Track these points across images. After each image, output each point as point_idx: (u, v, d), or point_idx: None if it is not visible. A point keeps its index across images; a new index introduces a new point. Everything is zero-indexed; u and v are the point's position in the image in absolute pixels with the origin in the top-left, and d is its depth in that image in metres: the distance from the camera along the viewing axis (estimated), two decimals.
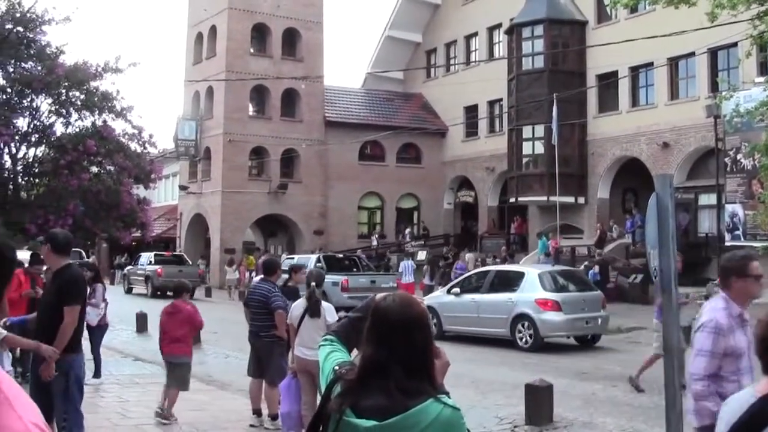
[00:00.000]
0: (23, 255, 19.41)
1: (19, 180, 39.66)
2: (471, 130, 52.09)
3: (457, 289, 23.40)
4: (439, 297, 24.38)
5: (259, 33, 50.94)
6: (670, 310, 6.84)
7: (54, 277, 8.05)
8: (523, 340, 21.03)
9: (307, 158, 50.70)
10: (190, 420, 11.52)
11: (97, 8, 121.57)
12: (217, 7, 50.01)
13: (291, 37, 51.60)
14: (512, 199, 45.41)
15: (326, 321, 9.95)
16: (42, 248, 8.28)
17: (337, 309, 30.63)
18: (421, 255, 44.22)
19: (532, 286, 21.49)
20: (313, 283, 10.62)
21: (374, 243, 49.35)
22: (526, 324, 20.99)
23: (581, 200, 42.85)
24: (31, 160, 39.62)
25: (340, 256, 37.35)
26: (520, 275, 22.59)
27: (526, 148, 44.38)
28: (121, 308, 27.95)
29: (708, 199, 36.34)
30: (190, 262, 46.02)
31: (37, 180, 40.58)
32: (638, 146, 40.06)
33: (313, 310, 10.16)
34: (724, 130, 32.85)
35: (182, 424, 11.32)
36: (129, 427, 11.17)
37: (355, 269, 32.88)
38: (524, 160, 44.54)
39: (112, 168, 40.19)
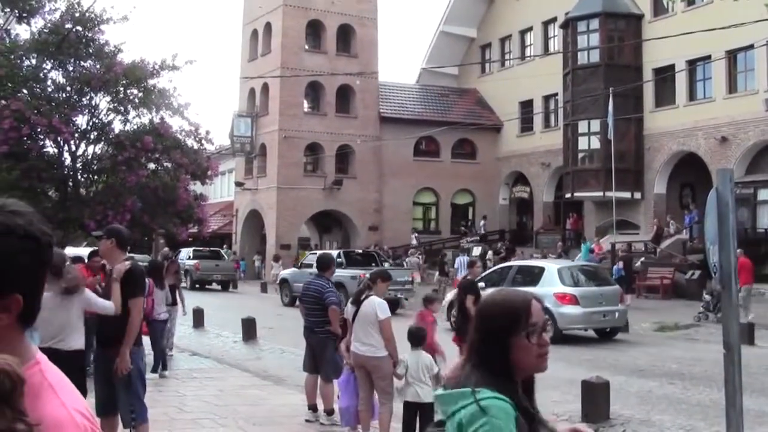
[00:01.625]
0: (83, 251, 19.68)
1: (79, 177, 40.20)
2: (526, 125, 51.82)
3: (482, 284, 23.49)
4: None
5: (314, 29, 51.10)
6: (729, 306, 6.76)
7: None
8: None
9: (361, 154, 50.78)
10: (246, 415, 11.60)
11: (154, 7, 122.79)
12: (272, 4, 50.26)
13: (345, 34, 51.71)
14: (568, 195, 45.13)
15: (378, 317, 9.90)
16: (103, 243, 8.36)
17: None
18: (476, 251, 44.09)
19: (552, 281, 21.94)
20: (367, 275, 10.62)
21: (414, 242, 49.09)
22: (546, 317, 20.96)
23: (637, 196, 42.46)
24: (90, 157, 40.15)
25: (360, 251, 38.43)
26: (540, 270, 23.05)
27: (582, 143, 44.10)
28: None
29: (767, 194, 35.85)
30: (226, 258, 47.49)
31: (95, 177, 41.13)
32: (696, 141, 39.60)
33: (359, 304, 10.13)
34: None
35: (238, 419, 11.40)
36: (186, 421, 11.28)
37: (373, 264, 33.35)
38: (580, 155, 44.25)
39: (169, 164, 40.60)
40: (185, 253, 45.67)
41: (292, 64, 48.36)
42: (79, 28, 37.31)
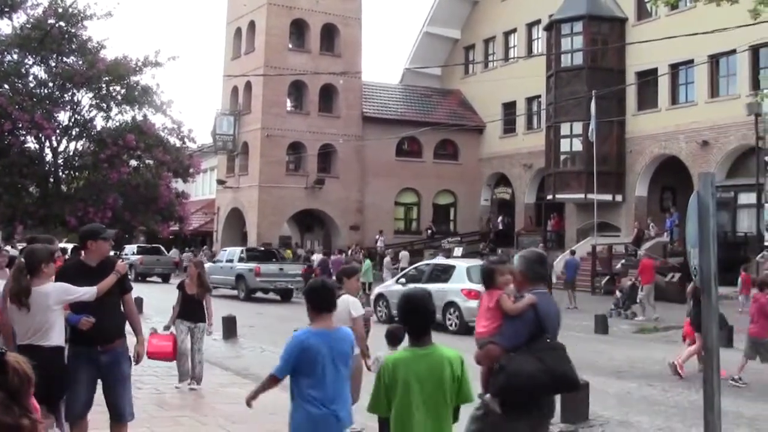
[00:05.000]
0: (65, 246, 19.59)
1: (60, 173, 40.11)
2: (509, 126, 51.95)
3: (403, 279, 26.32)
4: (389, 286, 27.75)
5: (298, 28, 51.07)
6: (709, 309, 6.80)
7: (106, 266, 8.15)
8: (451, 324, 23.59)
9: (344, 153, 50.78)
10: (227, 413, 11.59)
11: (138, 3, 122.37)
12: (256, 3, 50.23)
13: (329, 33, 51.70)
14: (549, 197, 45.24)
15: (351, 315, 9.95)
16: (108, 244, 8.48)
17: (252, 290, 33.73)
18: (457, 251, 44.16)
19: (461, 278, 24.19)
20: (334, 277, 10.69)
21: (379, 244, 48.89)
22: (453, 310, 23.73)
23: (619, 198, 42.63)
24: (71, 153, 40.07)
25: (261, 248, 41.86)
26: (452, 268, 25.41)
27: (564, 146, 44.21)
28: None
29: (747, 198, 36.06)
30: (167, 253, 48.93)
31: (77, 173, 41.06)
32: (677, 144, 39.79)
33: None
34: (765, 128, 32.58)
35: (218, 417, 11.39)
36: (165, 419, 11.26)
37: (273, 259, 38.25)
38: (562, 157, 44.37)
39: (151, 162, 40.57)
40: (129, 249, 47.33)
41: (276, 62, 48.29)
42: (62, 23, 37.21)
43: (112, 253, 10.80)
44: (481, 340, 6.67)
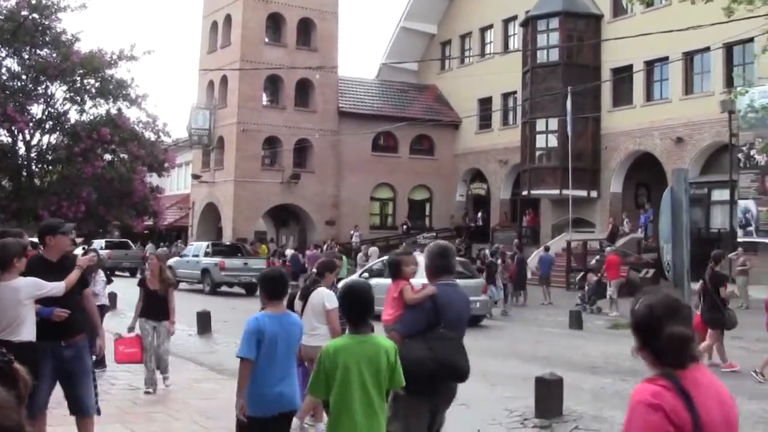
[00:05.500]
0: (35, 240, 19.49)
1: (33, 167, 39.87)
2: (485, 122, 52.03)
3: (366, 274, 27.00)
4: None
5: (274, 22, 50.91)
6: None
7: (67, 261, 8.17)
8: None
9: (320, 148, 50.69)
10: (201, 408, 11.55)
11: None
12: None
13: (306, 27, 51.57)
14: (525, 192, 45.34)
15: (325, 307, 9.96)
16: (68, 238, 8.50)
17: (217, 284, 33.62)
18: None
19: (420, 272, 23.47)
20: (314, 270, 10.78)
21: (354, 239, 48.81)
22: None
23: (594, 194, 42.78)
24: (45, 147, 39.85)
25: (227, 244, 42.72)
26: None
27: (540, 141, 44.32)
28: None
29: (721, 194, 36.29)
30: (134, 247, 48.94)
31: (50, 167, 40.83)
32: (652, 141, 39.96)
33: (306, 295, 10.21)
34: (738, 125, 32.77)
35: (192, 413, 11.35)
36: (139, 414, 11.21)
37: (238, 254, 38.88)
38: (537, 153, 44.48)
39: (125, 156, 40.41)
40: (97, 243, 46.60)
41: (252, 56, 48.17)
42: (35, 15, 36.98)
43: (82, 249, 10.73)
44: (387, 328, 7.19)
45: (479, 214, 52.17)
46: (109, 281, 16.50)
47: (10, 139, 38.59)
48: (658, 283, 30.99)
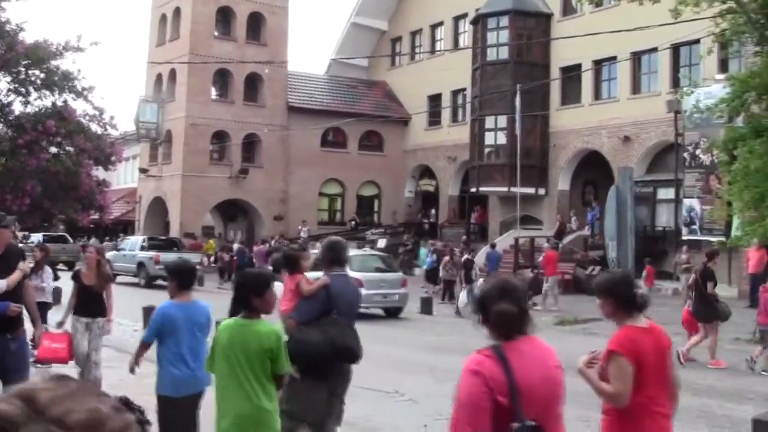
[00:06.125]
0: None
1: None
2: (434, 119, 52.18)
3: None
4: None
5: (224, 16, 50.61)
6: None
7: (10, 255, 8.15)
8: None
9: (268, 143, 50.49)
10: (147, 404, 11.40)
11: None
12: None
13: (256, 22, 51.33)
14: (473, 189, 45.54)
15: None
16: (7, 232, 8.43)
17: (152, 277, 35.07)
18: (381, 243, 44.24)
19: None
20: (269, 267, 10.81)
21: (302, 235, 48.59)
22: None
23: (542, 191, 43.08)
24: None
25: (163, 238, 43.07)
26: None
27: (489, 139, 44.53)
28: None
29: (666, 193, 36.73)
30: (72, 241, 47.85)
31: None
32: (599, 139, 40.32)
33: None
34: (684, 125, 33.15)
35: (147, 410, 11.22)
36: None
37: (174, 248, 38.91)
38: (486, 150, 44.69)
39: (71, 149, 39.94)
40: (35, 237, 46.19)
41: (201, 50, 47.84)
42: None
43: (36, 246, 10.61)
44: (283, 317, 7.91)
45: (433, 211, 52.20)
46: (56, 277, 16.32)
47: None
48: None
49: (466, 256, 29.55)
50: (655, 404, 5.40)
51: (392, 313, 26.47)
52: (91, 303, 12.10)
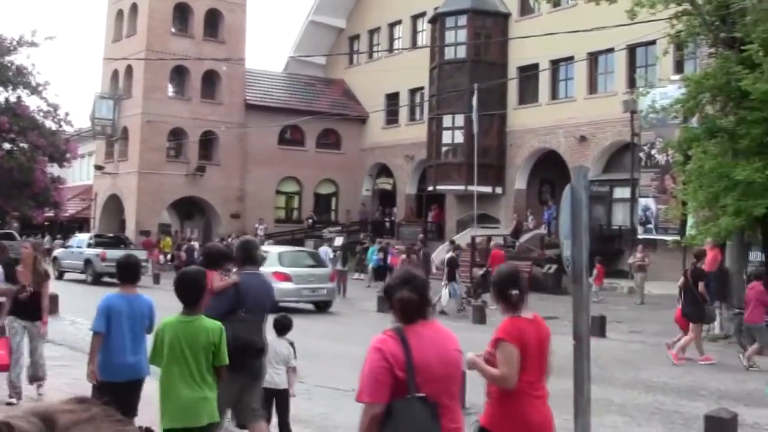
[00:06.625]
0: None
1: None
2: (392, 117, 52.19)
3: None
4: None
5: (181, 13, 50.29)
6: (580, 299, 6.94)
7: None
8: None
9: (226, 141, 50.26)
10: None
11: None
12: None
13: (213, 18, 51.06)
14: (430, 188, 45.62)
15: None
16: None
17: (99, 274, 34.82)
18: (338, 241, 44.21)
19: (273, 262, 26.04)
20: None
21: (259, 233, 48.33)
22: None
23: (499, 190, 43.26)
24: None
25: (111, 235, 42.84)
26: (266, 253, 26.80)
27: (446, 137, 44.65)
28: None
29: (622, 192, 37.03)
30: (19, 238, 46.92)
31: None
32: (556, 139, 40.55)
33: None
34: (640, 125, 33.43)
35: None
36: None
37: (122, 245, 38.58)
38: (443, 149, 44.80)
39: (25, 145, 39.54)
40: None
41: (158, 47, 47.50)
42: None
43: None
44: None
45: (394, 209, 52.21)
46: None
47: None
48: (561, 279, 31.53)
49: (450, 254, 29.46)
50: (534, 389, 5.92)
51: (321, 307, 27.39)
52: (27, 304, 11.34)
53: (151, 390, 8.11)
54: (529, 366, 5.82)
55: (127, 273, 8.43)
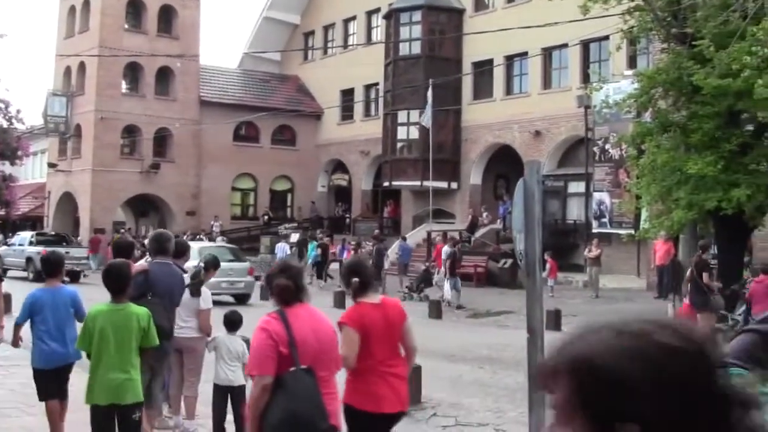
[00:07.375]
0: None
1: None
2: (346, 113, 52.14)
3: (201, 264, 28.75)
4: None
5: (135, 9, 49.91)
6: (534, 292, 6.99)
7: None
8: None
9: (180, 138, 49.97)
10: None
11: None
12: None
13: (167, 14, 50.72)
14: (386, 183, 45.65)
15: (199, 306, 9.92)
16: None
17: (40, 272, 34.48)
18: (294, 237, 44.11)
19: (194, 257, 25.41)
20: (201, 264, 10.83)
21: (215, 230, 48.03)
22: None
23: (454, 186, 43.37)
24: None
25: (53, 233, 43.43)
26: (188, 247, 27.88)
27: (401, 133, 44.69)
28: None
29: (577, 187, 37.23)
30: None
31: None
32: (511, 134, 40.72)
33: (193, 290, 10.02)
34: (594, 120, 33.67)
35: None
36: None
37: (63, 243, 39.04)
38: (399, 144, 44.84)
39: None
40: None
41: (111, 43, 47.04)
42: None
43: None
44: None
45: (358, 206, 52.15)
46: None
47: None
48: (517, 273, 31.68)
49: (451, 249, 29.44)
50: (386, 366, 6.55)
51: (240, 299, 28.27)
52: None
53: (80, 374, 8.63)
54: (377, 346, 6.49)
55: (50, 268, 9.19)
